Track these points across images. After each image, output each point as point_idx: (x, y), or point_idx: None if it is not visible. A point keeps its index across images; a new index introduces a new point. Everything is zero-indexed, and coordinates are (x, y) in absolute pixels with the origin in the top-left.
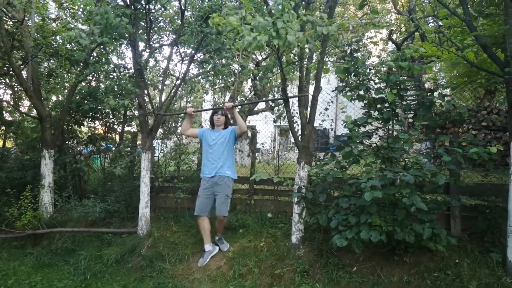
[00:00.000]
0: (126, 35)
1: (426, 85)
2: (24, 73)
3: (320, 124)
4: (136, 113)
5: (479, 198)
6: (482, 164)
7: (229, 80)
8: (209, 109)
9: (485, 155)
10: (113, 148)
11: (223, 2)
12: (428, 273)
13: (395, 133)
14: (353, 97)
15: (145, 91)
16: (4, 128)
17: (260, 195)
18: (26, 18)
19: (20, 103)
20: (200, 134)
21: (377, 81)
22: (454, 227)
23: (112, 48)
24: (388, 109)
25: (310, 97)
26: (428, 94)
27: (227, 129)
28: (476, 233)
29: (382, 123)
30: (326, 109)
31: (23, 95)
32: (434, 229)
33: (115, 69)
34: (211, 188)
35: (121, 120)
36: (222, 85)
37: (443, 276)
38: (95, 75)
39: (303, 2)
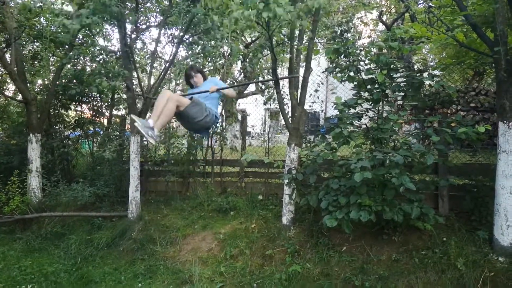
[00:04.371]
0: (115, 14)
1: (415, 67)
2: (7, 56)
3: (310, 106)
4: (124, 96)
5: (467, 177)
6: (470, 144)
7: (219, 62)
8: (196, 93)
9: (474, 135)
10: (102, 132)
11: None
12: (416, 251)
13: (384, 114)
14: (343, 78)
15: (133, 73)
16: None
17: (250, 178)
18: None
19: (4, 87)
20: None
21: (367, 62)
22: (442, 206)
23: (98, 30)
24: (378, 90)
25: (301, 79)
26: (418, 75)
27: (208, 81)
28: (463, 212)
29: (372, 104)
30: (317, 90)
31: (7, 78)
32: (422, 209)
33: (102, 51)
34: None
35: (109, 103)
36: (212, 67)
37: (431, 254)
38: (81, 57)
39: None
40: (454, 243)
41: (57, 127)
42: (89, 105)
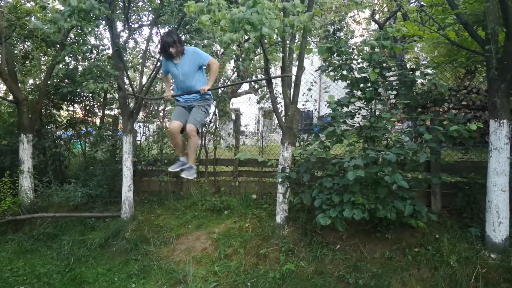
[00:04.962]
0: (104, 15)
1: (408, 65)
2: None
3: (303, 105)
4: (117, 95)
5: (459, 175)
6: (462, 142)
7: None
8: (187, 93)
9: (466, 133)
10: (94, 132)
11: None
12: (409, 248)
13: (377, 112)
14: (336, 77)
15: (125, 73)
16: None
17: (244, 177)
18: None
19: None
20: (166, 68)
21: (360, 60)
22: (434, 204)
23: (89, 29)
24: (371, 88)
25: (294, 78)
26: (410, 73)
27: (188, 58)
28: (455, 209)
29: (365, 103)
30: (310, 89)
31: None
32: (415, 206)
33: (93, 50)
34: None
35: (101, 103)
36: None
37: (424, 251)
38: (73, 56)
39: None
40: (447, 240)
41: (49, 127)
42: (81, 104)
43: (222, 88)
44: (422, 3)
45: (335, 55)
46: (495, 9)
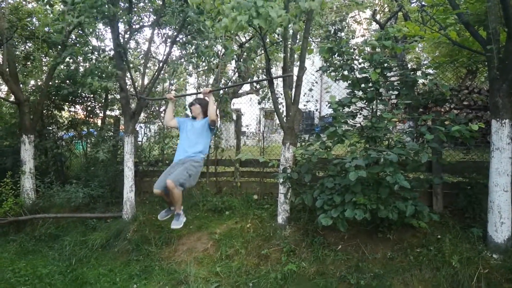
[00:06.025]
0: (107, 13)
1: (409, 66)
2: None
3: (304, 106)
4: (118, 96)
5: (460, 175)
6: (464, 142)
7: (213, 62)
8: (189, 94)
9: (467, 133)
10: (95, 133)
11: None
12: (411, 249)
13: (379, 112)
14: (337, 77)
15: (127, 74)
16: None
17: (246, 177)
18: None
19: None
20: (180, 123)
21: (361, 60)
22: (436, 204)
23: (91, 30)
24: (372, 89)
25: (295, 78)
26: (411, 73)
27: (204, 119)
28: (457, 210)
29: (366, 103)
30: (311, 89)
31: None
32: (416, 206)
33: (94, 51)
34: (175, 166)
35: (103, 104)
36: (206, 67)
37: (426, 251)
38: (74, 57)
39: None
40: (449, 240)
41: (50, 128)
42: (82, 105)
43: (224, 89)
44: (423, 3)
45: (336, 56)
46: (496, 9)
